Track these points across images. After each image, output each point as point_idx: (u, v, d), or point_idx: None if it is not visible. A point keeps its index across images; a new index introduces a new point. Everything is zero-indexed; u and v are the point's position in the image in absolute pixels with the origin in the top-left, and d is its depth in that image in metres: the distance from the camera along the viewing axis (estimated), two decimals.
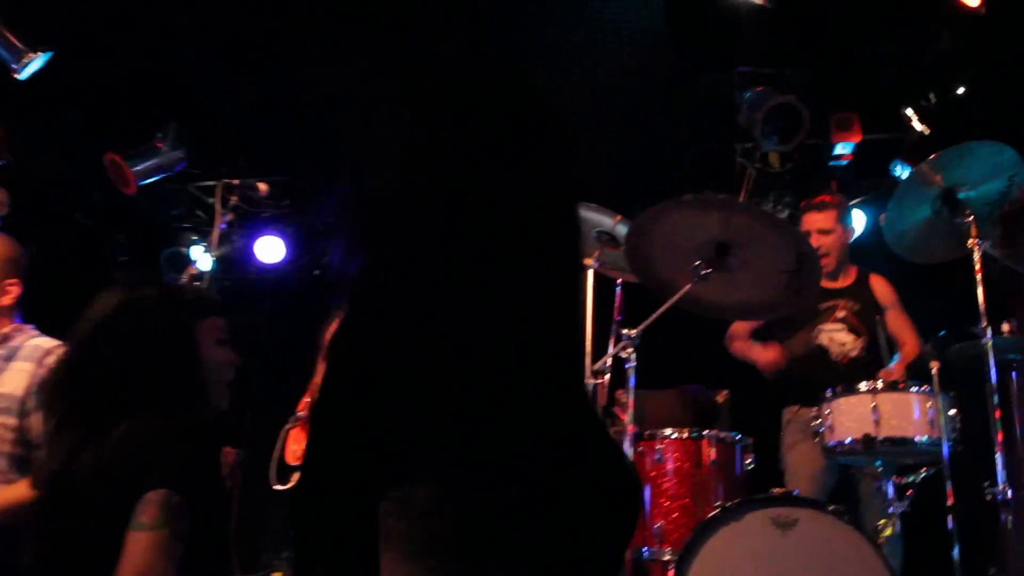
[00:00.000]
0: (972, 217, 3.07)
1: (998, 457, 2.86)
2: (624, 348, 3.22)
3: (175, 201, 5.96)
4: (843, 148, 4.78)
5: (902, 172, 4.78)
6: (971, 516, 2.88)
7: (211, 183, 5.94)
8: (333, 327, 1.28)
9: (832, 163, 4.94)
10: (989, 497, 2.80)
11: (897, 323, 3.87)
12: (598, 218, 3.69)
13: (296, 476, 3.68)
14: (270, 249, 5.88)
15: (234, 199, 4.89)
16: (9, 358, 2.41)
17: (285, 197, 5.95)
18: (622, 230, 3.65)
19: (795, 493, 3.01)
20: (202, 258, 5.96)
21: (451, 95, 1.27)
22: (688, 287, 3.10)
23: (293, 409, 3.88)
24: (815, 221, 3.92)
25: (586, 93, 4.98)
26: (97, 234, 5.87)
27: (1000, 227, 3.04)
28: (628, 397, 3.19)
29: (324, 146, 5.60)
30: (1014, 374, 3.17)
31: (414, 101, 1.28)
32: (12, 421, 2.31)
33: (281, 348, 5.69)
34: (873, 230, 5.25)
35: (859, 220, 5.17)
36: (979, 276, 3.00)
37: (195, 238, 6.08)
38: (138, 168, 5.09)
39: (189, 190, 5.97)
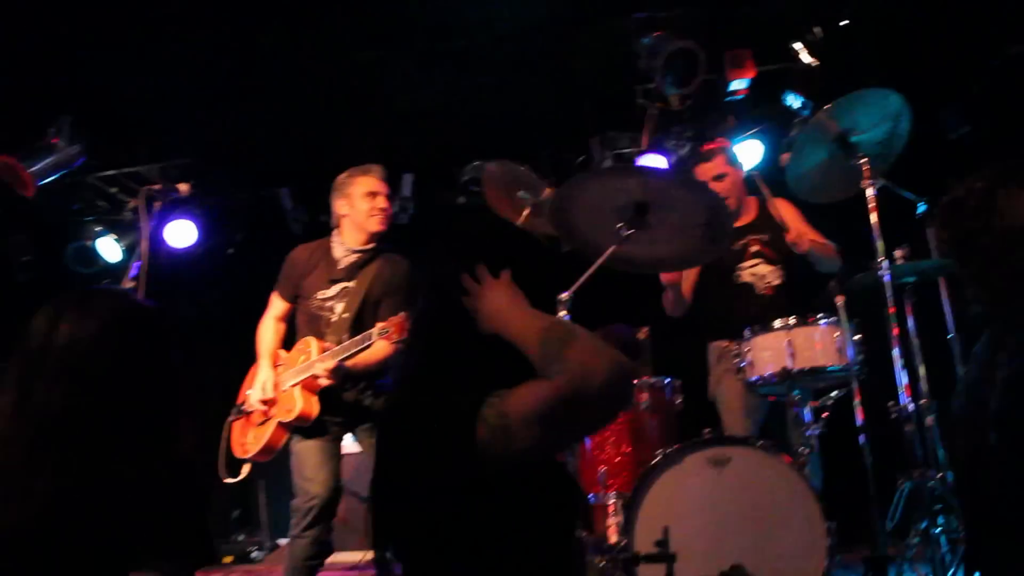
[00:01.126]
0: (865, 159, 3.30)
1: (898, 375, 3.15)
2: (557, 310, 3.37)
3: (75, 195, 5.79)
4: (738, 84, 4.95)
5: (794, 102, 4.99)
6: (880, 431, 3.18)
7: (111, 172, 5.81)
8: None
9: (728, 99, 5.11)
10: (894, 415, 3.10)
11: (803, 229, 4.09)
12: (530, 181, 3.78)
13: (246, 468, 3.77)
14: (181, 233, 5.78)
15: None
16: None
17: (191, 179, 5.84)
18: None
19: (727, 433, 3.25)
20: (111, 249, 5.86)
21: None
22: (613, 248, 3.24)
23: (232, 400, 3.96)
24: (707, 170, 4.09)
25: (488, 52, 5.04)
26: None
27: None
28: None
29: (226, 127, 5.55)
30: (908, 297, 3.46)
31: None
32: None
33: (205, 333, 5.69)
34: (770, 160, 5.51)
35: (757, 150, 5.41)
36: (873, 213, 3.24)
37: (100, 229, 5.92)
38: (35, 168, 4.92)
39: (89, 181, 5.80)
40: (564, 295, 3.39)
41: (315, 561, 3.51)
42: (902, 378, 3.12)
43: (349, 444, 3.94)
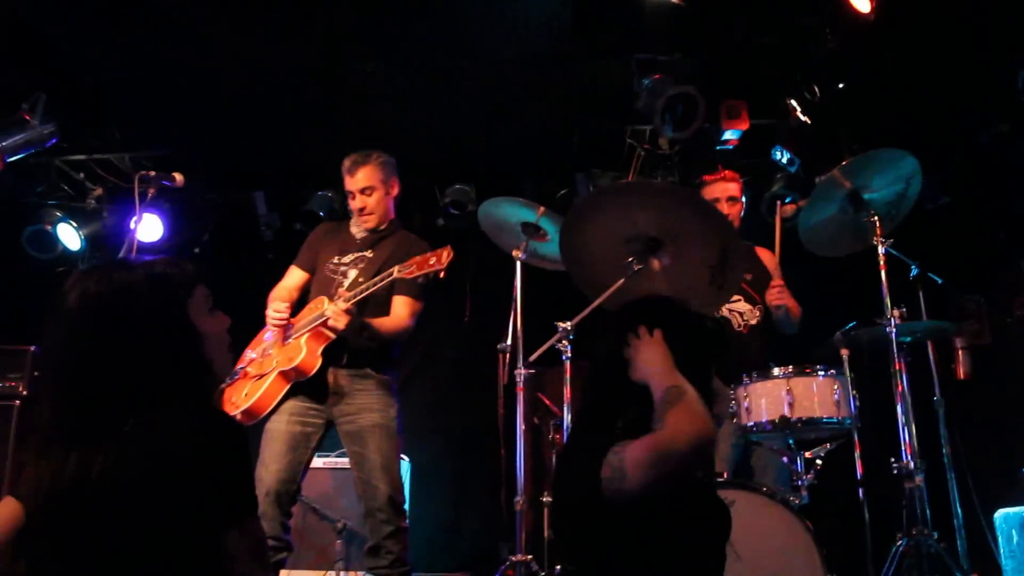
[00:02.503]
0: (876, 217, 3.36)
1: (901, 432, 3.19)
2: (560, 340, 3.33)
3: (39, 177, 5.53)
4: (731, 134, 5.02)
5: (782, 157, 5.08)
6: (879, 487, 3.20)
7: (79, 157, 5.58)
8: None
9: (720, 147, 5.18)
10: (896, 472, 3.12)
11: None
12: (522, 211, 3.75)
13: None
14: (147, 227, 5.56)
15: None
16: None
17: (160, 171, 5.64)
18: (546, 221, 3.74)
19: (728, 477, 3.23)
20: (70, 236, 5.61)
21: None
22: (621, 282, 3.20)
23: None
24: (727, 189, 4.10)
25: (487, 72, 5.02)
26: None
27: None
28: (565, 386, 3.32)
29: (201, 121, 5.39)
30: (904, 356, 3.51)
31: None
32: None
33: None
34: (750, 211, 5.60)
35: None
36: (883, 270, 3.29)
37: (60, 215, 5.66)
38: (5, 144, 4.69)
39: (55, 164, 5.56)
40: (567, 325, 3.38)
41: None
42: (904, 435, 3.15)
43: (332, 458, 3.80)
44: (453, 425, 5.83)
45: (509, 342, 3.86)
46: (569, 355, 3.36)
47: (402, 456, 5.14)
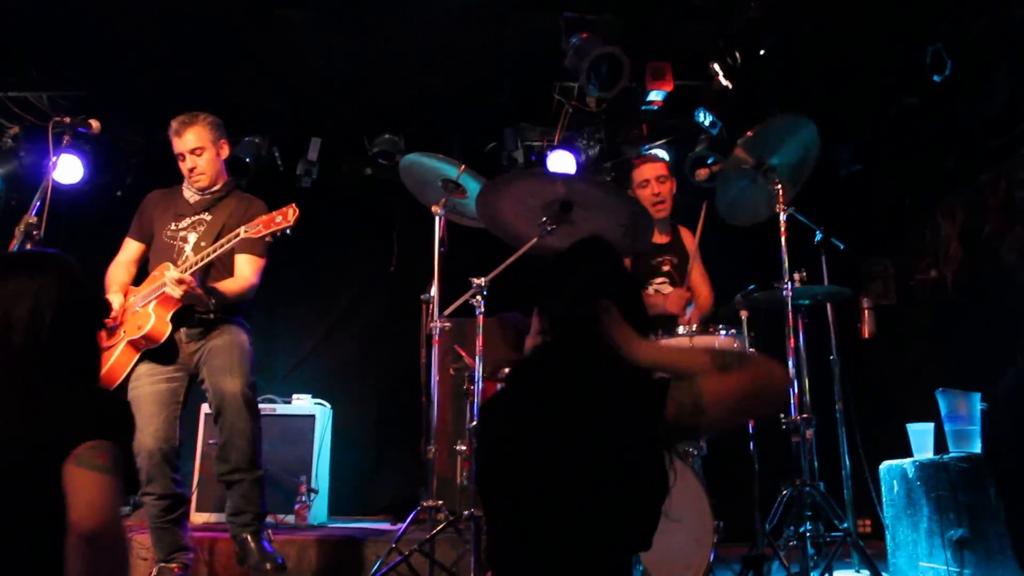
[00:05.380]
0: (780, 184, 3.50)
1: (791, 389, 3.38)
2: (474, 295, 3.42)
3: None
4: (656, 95, 5.12)
5: (705, 119, 5.21)
6: (773, 440, 3.40)
7: None
8: None
9: (644, 107, 5.27)
10: (784, 426, 3.32)
11: (696, 274, 4.30)
12: (443, 167, 3.80)
13: None
14: (66, 169, 5.45)
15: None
16: None
17: (81, 112, 5.52)
18: (467, 179, 3.80)
19: None
20: None
21: None
22: (535, 240, 3.33)
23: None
24: (656, 169, 4.28)
25: (416, 28, 5.00)
26: None
27: None
28: (478, 338, 3.44)
29: (124, 62, 5.27)
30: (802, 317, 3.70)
31: None
32: None
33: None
34: (673, 170, 5.73)
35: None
36: (783, 236, 3.45)
37: None
38: None
39: None
40: (481, 281, 3.47)
41: (167, 518, 3.38)
42: (794, 391, 3.34)
43: None
44: (378, 373, 5.91)
45: (433, 292, 3.91)
46: (482, 309, 3.45)
47: (323, 402, 5.22)
